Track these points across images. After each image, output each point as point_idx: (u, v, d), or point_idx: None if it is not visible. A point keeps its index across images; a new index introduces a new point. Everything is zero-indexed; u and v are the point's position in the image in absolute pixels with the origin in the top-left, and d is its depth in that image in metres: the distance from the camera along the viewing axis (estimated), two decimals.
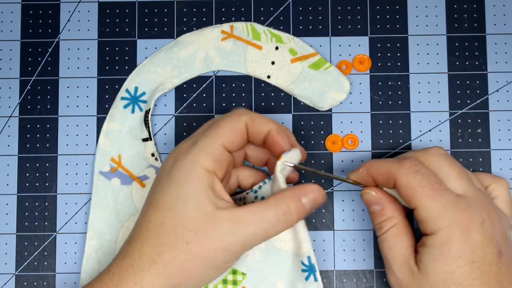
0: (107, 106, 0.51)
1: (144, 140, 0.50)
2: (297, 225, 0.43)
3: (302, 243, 0.44)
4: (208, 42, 0.51)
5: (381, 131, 0.51)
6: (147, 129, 0.50)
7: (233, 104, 0.51)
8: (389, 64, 0.51)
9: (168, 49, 0.51)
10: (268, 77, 0.51)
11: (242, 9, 0.52)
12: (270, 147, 0.44)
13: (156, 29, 0.52)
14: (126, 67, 0.51)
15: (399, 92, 0.51)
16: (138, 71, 0.51)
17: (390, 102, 0.51)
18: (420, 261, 0.41)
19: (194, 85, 0.51)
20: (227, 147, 0.42)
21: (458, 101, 0.51)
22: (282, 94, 0.51)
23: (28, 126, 0.51)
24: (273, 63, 0.51)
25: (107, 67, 0.52)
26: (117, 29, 0.52)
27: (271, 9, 0.52)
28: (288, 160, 0.43)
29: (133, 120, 0.50)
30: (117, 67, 0.52)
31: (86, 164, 0.51)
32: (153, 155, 0.50)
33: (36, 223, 0.50)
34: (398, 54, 0.51)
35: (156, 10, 0.52)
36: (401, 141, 0.51)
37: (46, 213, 0.50)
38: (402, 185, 0.42)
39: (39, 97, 0.51)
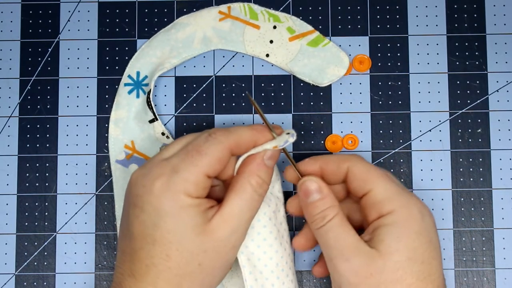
0: (107, 106, 0.51)
1: (151, 121, 0.50)
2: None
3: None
4: (206, 22, 0.51)
5: (381, 131, 0.51)
6: (151, 110, 0.50)
7: (233, 104, 0.51)
8: (389, 64, 0.51)
9: (166, 31, 0.51)
10: (267, 55, 0.51)
11: None
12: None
13: (156, 29, 0.52)
14: (126, 67, 0.51)
15: (399, 92, 0.51)
16: (138, 55, 0.51)
17: (390, 102, 0.51)
18: (380, 241, 0.40)
19: (194, 85, 0.51)
20: (210, 175, 0.41)
21: (458, 101, 0.51)
22: (282, 94, 0.51)
23: (28, 126, 0.51)
24: (271, 41, 0.51)
25: (107, 67, 0.52)
26: (117, 29, 0.52)
27: (271, 9, 0.52)
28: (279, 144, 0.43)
29: (139, 105, 0.50)
30: (117, 67, 0.52)
31: (86, 164, 0.51)
32: (163, 133, 0.50)
33: (36, 223, 0.50)
34: (398, 54, 0.51)
35: (156, 10, 0.52)
36: (401, 141, 0.51)
37: (46, 213, 0.50)
38: (357, 168, 0.43)
39: (39, 97, 0.51)
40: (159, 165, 0.41)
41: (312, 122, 0.51)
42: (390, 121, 0.51)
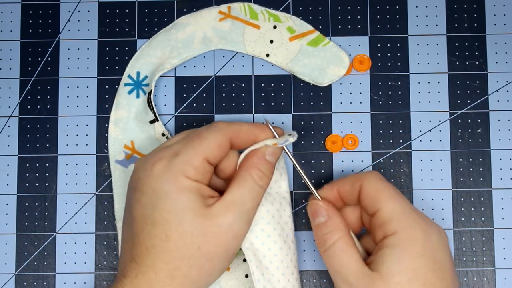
0: (107, 106, 0.51)
1: (151, 122, 0.50)
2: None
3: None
4: (206, 23, 0.51)
5: (381, 131, 0.51)
6: (152, 111, 0.50)
7: (233, 104, 0.51)
8: (389, 64, 0.51)
9: (166, 31, 0.51)
10: (267, 55, 0.51)
11: None
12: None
13: (156, 29, 0.52)
14: (126, 67, 0.51)
15: (399, 92, 0.51)
16: (138, 56, 0.51)
17: (390, 102, 0.51)
18: (382, 263, 0.41)
19: (194, 85, 0.51)
20: (210, 160, 0.42)
21: (458, 101, 0.51)
22: (282, 94, 0.51)
23: (28, 126, 0.51)
24: (271, 41, 0.51)
25: (107, 67, 0.52)
26: (117, 29, 0.52)
27: (271, 9, 0.52)
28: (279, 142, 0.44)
29: (139, 105, 0.50)
30: (117, 67, 0.52)
31: (86, 164, 0.51)
32: (163, 134, 0.50)
33: (36, 223, 0.50)
34: (398, 54, 0.51)
35: (156, 10, 0.52)
36: (401, 141, 0.51)
37: (46, 213, 0.50)
38: (369, 186, 0.43)
39: (39, 97, 0.51)
40: (161, 150, 0.42)
41: (312, 122, 0.51)
42: (390, 121, 0.51)
